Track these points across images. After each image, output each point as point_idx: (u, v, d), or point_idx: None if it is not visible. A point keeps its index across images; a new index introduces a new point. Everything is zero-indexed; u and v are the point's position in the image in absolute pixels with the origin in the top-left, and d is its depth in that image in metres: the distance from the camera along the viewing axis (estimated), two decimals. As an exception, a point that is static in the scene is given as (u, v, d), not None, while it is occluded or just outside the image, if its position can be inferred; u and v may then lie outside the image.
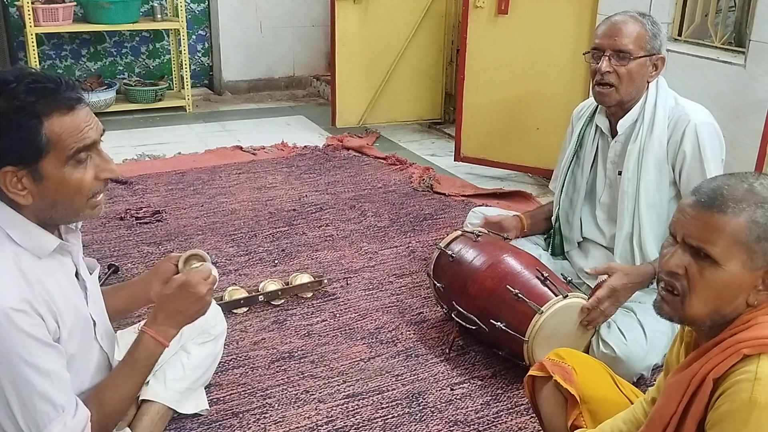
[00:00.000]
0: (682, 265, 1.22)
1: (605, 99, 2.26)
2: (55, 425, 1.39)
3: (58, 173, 1.36)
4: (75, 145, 1.36)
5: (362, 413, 2.07)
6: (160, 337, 1.58)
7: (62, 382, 1.41)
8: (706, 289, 1.20)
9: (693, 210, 1.21)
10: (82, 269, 1.56)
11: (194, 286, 1.59)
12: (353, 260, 3.01)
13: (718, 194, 1.20)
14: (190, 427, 1.99)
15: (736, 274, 1.18)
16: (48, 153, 1.34)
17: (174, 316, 1.60)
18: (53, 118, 1.34)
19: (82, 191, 1.40)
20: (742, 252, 1.17)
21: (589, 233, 2.50)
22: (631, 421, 1.43)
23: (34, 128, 1.32)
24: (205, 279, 1.62)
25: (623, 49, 2.18)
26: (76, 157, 1.37)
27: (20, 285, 1.35)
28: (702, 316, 1.22)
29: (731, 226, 1.17)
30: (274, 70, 5.92)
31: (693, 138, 2.20)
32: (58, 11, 4.73)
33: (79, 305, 1.51)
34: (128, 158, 4.18)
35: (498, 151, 4.05)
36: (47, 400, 1.37)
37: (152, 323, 1.59)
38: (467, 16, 3.88)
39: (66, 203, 1.40)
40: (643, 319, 2.19)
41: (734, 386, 1.14)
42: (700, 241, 1.19)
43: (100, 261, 2.82)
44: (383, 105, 5.07)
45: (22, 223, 1.39)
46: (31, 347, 1.34)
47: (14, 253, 1.37)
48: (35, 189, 1.36)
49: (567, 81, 3.75)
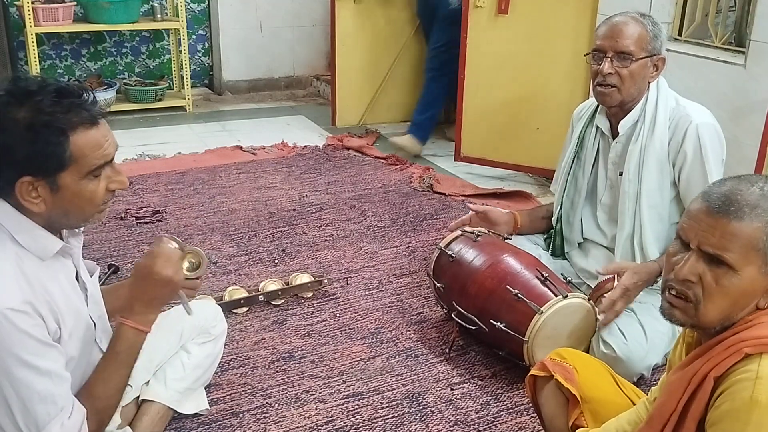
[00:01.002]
0: (696, 273, 1.20)
1: (607, 99, 2.26)
2: (54, 425, 1.39)
3: (75, 186, 1.38)
4: (97, 162, 1.39)
5: (362, 413, 2.07)
6: (140, 325, 1.56)
7: (62, 382, 1.41)
8: (722, 297, 1.19)
9: (707, 217, 1.19)
10: (83, 271, 1.56)
11: (158, 272, 1.55)
12: (353, 260, 3.01)
13: (732, 200, 1.18)
14: (190, 427, 1.99)
15: (752, 279, 1.18)
16: (69, 167, 1.36)
17: (149, 303, 1.57)
18: (78, 132, 1.35)
19: (94, 202, 1.43)
20: (758, 258, 1.17)
21: (590, 234, 2.50)
22: (635, 422, 1.43)
23: (61, 144, 1.34)
24: (166, 261, 1.57)
25: (625, 50, 2.18)
26: (95, 172, 1.40)
27: (21, 286, 1.35)
28: (715, 322, 1.22)
29: (748, 233, 1.16)
30: (274, 70, 5.91)
31: (694, 139, 2.20)
32: (58, 11, 4.73)
33: (80, 308, 1.51)
34: (128, 158, 4.17)
35: (498, 151, 4.05)
36: (46, 400, 1.37)
37: (129, 313, 1.56)
38: (467, 16, 3.87)
39: (77, 213, 1.43)
40: (643, 319, 2.19)
41: (735, 385, 1.14)
42: (717, 248, 1.18)
43: (100, 261, 2.83)
44: (383, 105, 5.06)
45: (27, 225, 1.40)
46: (31, 347, 1.34)
47: (16, 254, 1.38)
48: (50, 199, 1.38)
49: (567, 81, 3.74)
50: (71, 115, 1.34)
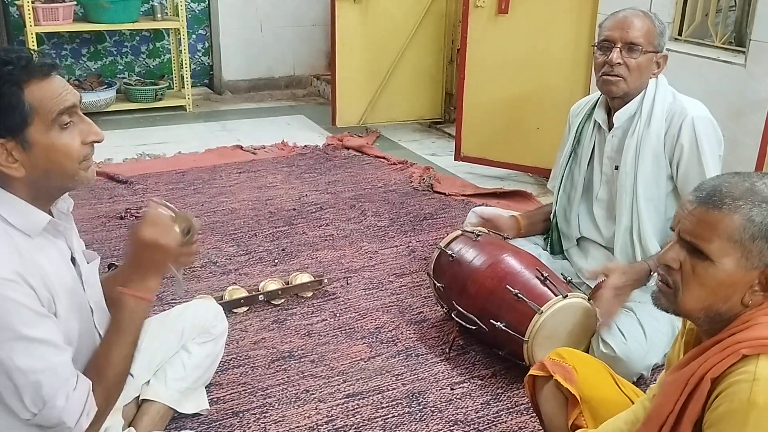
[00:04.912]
0: (677, 260, 1.22)
1: (613, 89, 2.25)
2: (59, 397, 1.34)
3: (45, 139, 1.37)
4: (56, 107, 1.37)
5: (362, 413, 2.08)
6: (141, 293, 1.52)
7: (61, 352, 1.36)
8: (698, 286, 1.20)
9: (691, 205, 1.21)
10: (78, 255, 1.54)
11: (150, 240, 1.52)
12: (353, 260, 3.01)
13: (717, 191, 1.19)
14: (190, 426, 1.99)
15: (729, 272, 1.18)
16: (33, 120, 1.35)
17: (146, 270, 1.54)
18: (32, 85, 1.35)
19: (71, 155, 1.40)
20: (736, 250, 1.17)
21: (587, 231, 2.50)
22: (632, 422, 1.43)
23: (16, 95, 1.34)
24: (156, 225, 1.54)
25: (634, 41, 2.19)
26: (59, 120, 1.38)
27: (10, 257, 1.32)
28: (695, 311, 1.23)
29: (725, 224, 1.17)
30: (275, 69, 5.92)
31: (690, 132, 2.21)
32: (58, 10, 4.73)
33: (75, 289, 1.48)
34: (128, 158, 4.18)
35: (498, 151, 4.05)
36: (47, 371, 1.33)
37: (127, 282, 1.53)
38: (467, 16, 3.88)
39: (58, 170, 1.40)
40: (642, 318, 2.19)
41: (732, 386, 1.14)
42: (694, 236, 1.20)
43: (100, 260, 2.82)
44: (383, 104, 5.07)
45: (13, 201, 1.38)
46: (24, 316, 1.30)
47: (5, 231, 1.36)
48: (26, 159, 1.37)
49: (567, 80, 3.75)
50: (23, 69, 1.35)
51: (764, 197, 1.17)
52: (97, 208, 3.40)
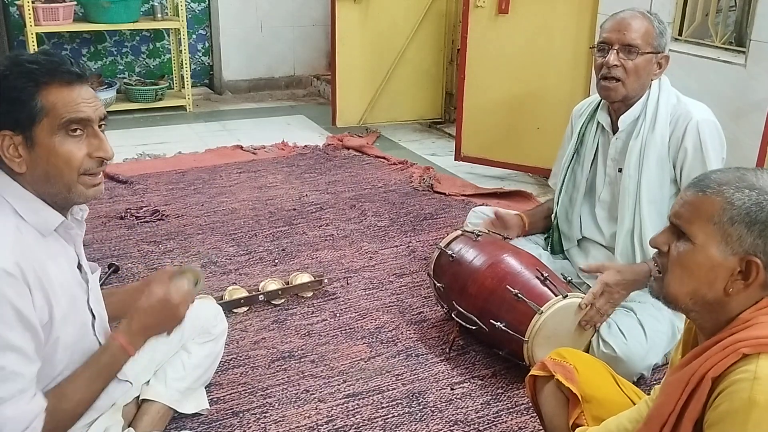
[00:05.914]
0: (666, 243, 1.25)
1: (611, 94, 2.26)
2: (9, 405, 1.33)
3: (48, 141, 1.38)
4: (67, 115, 1.38)
5: (362, 413, 2.08)
6: (130, 346, 1.56)
7: (29, 364, 1.35)
8: (680, 268, 1.22)
9: (684, 192, 1.25)
10: (85, 263, 1.55)
11: (175, 306, 1.60)
12: (353, 260, 3.01)
13: (707, 177, 1.23)
14: (190, 426, 1.99)
15: (709, 255, 1.19)
16: (41, 119, 1.37)
17: (147, 328, 1.59)
18: (51, 87, 1.38)
19: (72, 163, 1.40)
20: (716, 233, 1.18)
21: (589, 232, 2.50)
22: (636, 420, 1.43)
23: (29, 92, 1.36)
24: (184, 302, 1.62)
25: (632, 43, 2.19)
26: (67, 127, 1.39)
27: (14, 250, 1.32)
28: (681, 296, 1.23)
29: (706, 205, 1.19)
30: (275, 69, 5.92)
31: (695, 135, 2.21)
32: (58, 10, 4.73)
33: (77, 295, 1.49)
34: (128, 157, 4.18)
35: (498, 151, 4.05)
36: (8, 378, 1.32)
37: (126, 331, 1.56)
38: (468, 16, 3.88)
39: (57, 176, 1.40)
40: (643, 319, 2.19)
41: (733, 386, 1.14)
42: (678, 218, 1.23)
43: (101, 260, 2.83)
44: (383, 104, 5.07)
45: (26, 195, 1.39)
46: (7, 316, 1.29)
47: (16, 226, 1.36)
48: (28, 157, 1.38)
49: (567, 81, 3.75)
50: (47, 71, 1.38)
51: (750, 184, 1.18)
52: (97, 208, 3.39)
